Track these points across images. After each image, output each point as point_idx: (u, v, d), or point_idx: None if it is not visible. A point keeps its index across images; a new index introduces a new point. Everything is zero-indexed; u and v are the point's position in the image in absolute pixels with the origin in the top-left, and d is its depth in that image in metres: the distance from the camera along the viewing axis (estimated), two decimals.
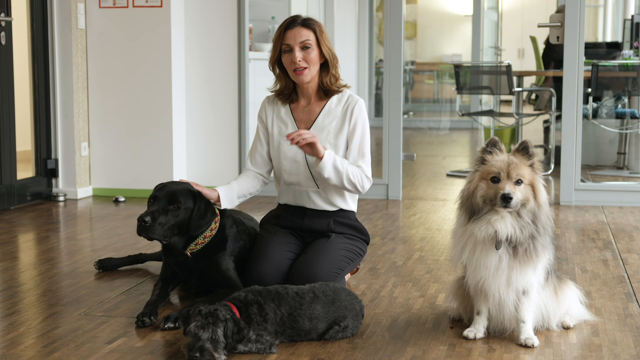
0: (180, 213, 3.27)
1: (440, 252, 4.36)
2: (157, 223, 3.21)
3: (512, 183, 2.83)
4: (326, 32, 3.55)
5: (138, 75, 6.05)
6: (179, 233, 3.30)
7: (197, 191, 3.35)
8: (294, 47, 3.45)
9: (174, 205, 3.26)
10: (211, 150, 6.28)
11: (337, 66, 3.56)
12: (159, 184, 3.38)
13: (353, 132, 3.53)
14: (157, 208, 3.24)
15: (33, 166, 6.03)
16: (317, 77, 3.54)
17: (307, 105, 3.59)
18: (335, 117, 3.55)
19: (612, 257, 4.26)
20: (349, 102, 3.56)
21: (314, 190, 3.55)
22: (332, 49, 3.54)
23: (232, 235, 3.45)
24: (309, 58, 3.46)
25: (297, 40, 3.45)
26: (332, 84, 3.54)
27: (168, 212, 3.25)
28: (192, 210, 3.29)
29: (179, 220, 3.27)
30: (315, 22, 3.52)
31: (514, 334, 3.00)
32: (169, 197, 3.27)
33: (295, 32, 3.46)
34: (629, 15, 10.48)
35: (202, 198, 3.35)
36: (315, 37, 3.48)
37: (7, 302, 3.46)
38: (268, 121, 3.63)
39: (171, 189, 3.30)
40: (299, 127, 3.57)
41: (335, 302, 2.99)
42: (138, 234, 3.22)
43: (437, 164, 8.14)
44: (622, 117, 7.13)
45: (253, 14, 7.65)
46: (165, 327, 3.07)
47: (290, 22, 3.50)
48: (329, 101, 3.57)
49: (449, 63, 11.11)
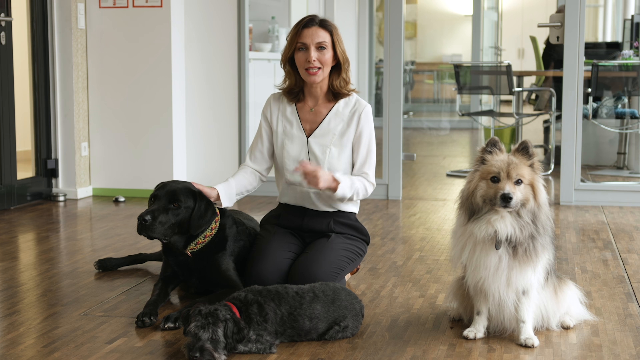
0: (180, 212, 3.27)
1: (440, 252, 4.36)
2: (158, 222, 3.21)
3: (512, 183, 2.83)
4: (341, 36, 3.57)
5: (138, 75, 6.05)
6: (180, 232, 3.30)
7: (197, 190, 3.35)
8: (310, 46, 3.46)
9: (175, 204, 3.27)
10: (211, 150, 6.28)
11: (349, 70, 3.57)
12: (160, 182, 3.39)
13: (360, 139, 3.54)
14: (157, 207, 3.25)
15: (33, 166, 6.03)
16: (327, 79, 3.55)
17: (314, 106, 3.59)
18: (342, 121, 3.55)
19: (612, 257, 4.27)
20: (357, 107, 3.57)
21: (315, 191, 3.55)
22: (346, 52, 3.55)
23: (232, 235, 3.45)
24: (323, 59, 3.47)
25: (314, 39, 3.46)
26: (341, 87, 3.55)
27: (168, 211, 3.25)
28: (192, 209, 3.29)
29: (179, 219, 3.27)
30: (332, 24, 3.54)
31: (514, 334, 3.00)
32: (170, 195, 3.28)
33: (313, 32, 3.47)
34: (629, 15, 10.48)
35: (203, 197, 3.35)
36: (331, 38, 3.50)
37: (7, 302, 3.46)
38: (272, 119, 3.63)
39: (172, 187, 3.31)
40: (304, 127, 3.57)
41: (335, 301, 2.99)
42: (138, 232, 3.22)
43: (437, 164, 8.14)
44: (622, 117, 7.13)
45: (253, 14, 7.66)
46: (165, 327, 3.07)
47: (308, 20, 3.51)
48: (336, 104, 3.57)
49: (449, 63, 11.12)
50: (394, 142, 6.00)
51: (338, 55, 3.51)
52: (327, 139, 3.53)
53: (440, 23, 16.13)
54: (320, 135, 3.54)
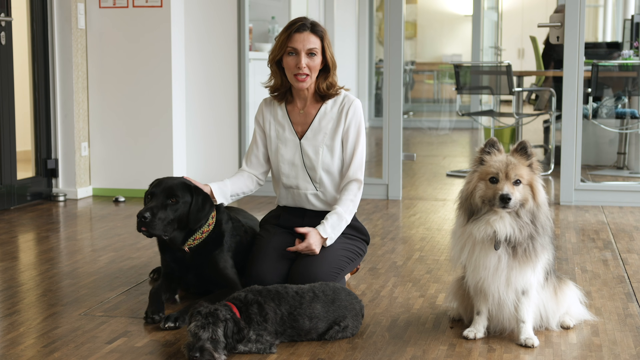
0: (179, 207, 3.27)
1: (440, 252, 4.36)
2: (157, 218, 3.21)
3: (511, 183, 2.83)
4: (329, 39, 3.57)
5: (138, 75, 6.05)
6: (179, 227, 3.31)
7: (193, 185, 3.36)
8: (300, 52, 3.45)
9: (172, 200, 3.27)
10: (211, 150, 6.27)
11: (335, 73, 3.56)
12: (154, 180, 3.39)
13: (347, 133, 3.54)
14: (155, 204, 3.25)
15: (33, 166, 6.03)
16: (314, 82, 3.54)
17: (303, 107, 3.59)
18: (332, 119, 3.55)
19: (612, 257, 4.27)
20: (344, 103, 3.56)
21: (312, 193, 3.56)
22: (334, 56, 3.55)
23: (228, 230, 3.46)
24: (313, 65, 3.46)
25: (305, 46, 3.45)
26: (328, 90, 3.54)
27: (167, 207, 3.26)
28: (190, 203, 3.30)
29: (178, 214, 3.27)
30: (323, 29, 3.53)
31: (514, 334, 3.00)
32: (167, 192, 3.28)
33: (304, 37, 3.46)
34: (629, 15, 10.48)
35: (199, 191, 3.36)
36: (321, 44, 3.49)
37: (7, 302, 3.46)
38: (265, 124, 3.64)
39: (168, 183, 3.31)
40: (295, 130, 3.58)
41: (335, 301, 2.99)
42: (138, 229, 3.22)
43: (437, 164, 8.14)
44: (622, 117, 7.13)
45: (253, 14, 7.66)
46: (165, 326, 3.07)
47: (300, 25, 3.48)
48: (324, 104, 3.57)
49: (449, 63, 11.12)
50: (394, 142, 6.00)
51: (327, 60, 3.50)
52: (318, 140, 3.54)
53: (440, 23, 16.13)
54: (312, 136, 3.55)
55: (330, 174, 3.55)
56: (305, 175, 3.55)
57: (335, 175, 3.56)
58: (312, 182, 3.56)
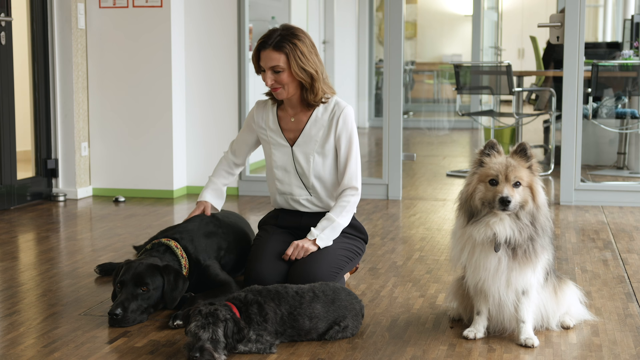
0: (151, 294, 3.18)
1: (440, 252, 4.37)
2: (130, 312, 3.12)
3: (510, 186, 2.83)
4: (305, 49, 3.42)
5: (138, 75, 6.05)
6: (156, 308, 3.25)
7: (163, 265, 3.24)
8: (265, 69, 3.44)
9: (143, 289, 3.17)
10: (211, 150, 6.27)
11: (317, 84, 3.45)
12: (122, 263, 3.26)
13: (339, 142, 3.53)
14: (126, 296, 3.15)
15: (33, 166, 6.03)
16: (297, 91, 3.50)
17: (294, 114, 3.58)
18: (322, 127, 3.54)
19: (612, 257, 4.27)
20: (335, 111, 3.53)
21: (305, 198, 3.58)
22: (309, 68, 3.41)
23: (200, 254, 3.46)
24: (280, 79, 3.42)
25: (267, 64, 3.41)
26: (312, 99, 3.49)
27: (138, 297, 3.16)
28: (162, 286, 3.21)
29: (151, 301, 3.19)
30: (290, 43, 3.39)
31: (514, 334, 3.00)
32: (135, 279, 3.17)
33: (266, 55, 3.41)
34: (629, 15, 10.48)
35: (169, 269, 3.24)
36: (286, 59, 3.40)
37: (7, 302, 3.46)
38: (257, 130, 3.67)
39: (136, 270, 3.18)
40: (286, 137, 3.58)
41: (335, 301, 2.99)
42: (110, 326, 3.12)
43: (437, 164, 8.14)
44: (622, 117, 7.12)
45: (253, 14, 7.65)
46: (174, 324, 3.08)
47: (261, 43, 3.43)
48: (315, 110, 3.55)
49: (449, 63, 11.11)
50: (394, 142, 6.00)
51: (294, 75, 3.41)
52: (309, 147, 3.54)
53: (440, 23, 16.12)
54: (303, 143, 3.55)
55: (323, 181, 3.56)
56: (299, 181, 3.57)
57: (327, 183, 3.56)
58: (305, 189, 3.57)
